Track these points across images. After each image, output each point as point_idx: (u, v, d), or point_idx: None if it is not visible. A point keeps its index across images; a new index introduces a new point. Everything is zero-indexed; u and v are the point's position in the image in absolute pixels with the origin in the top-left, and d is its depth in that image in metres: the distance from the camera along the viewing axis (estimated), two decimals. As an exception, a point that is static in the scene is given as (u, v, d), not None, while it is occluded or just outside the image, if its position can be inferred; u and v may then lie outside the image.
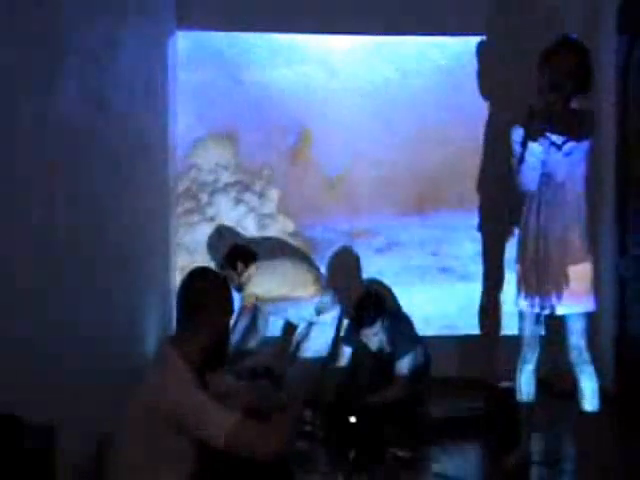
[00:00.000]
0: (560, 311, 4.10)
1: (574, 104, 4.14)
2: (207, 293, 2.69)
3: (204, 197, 6.09)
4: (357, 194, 6.07)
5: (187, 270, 2.93)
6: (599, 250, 5.66)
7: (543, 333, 4.31)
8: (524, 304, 4.19)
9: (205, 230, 6.07)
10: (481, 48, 6.00)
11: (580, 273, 4.08)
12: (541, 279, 4.10)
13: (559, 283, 4.06)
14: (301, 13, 5.84)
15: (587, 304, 4.13)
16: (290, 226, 6.09)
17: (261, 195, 6.08)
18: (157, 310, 5.43)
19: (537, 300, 4.13)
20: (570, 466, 4.50)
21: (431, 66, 6.04)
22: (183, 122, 5.96)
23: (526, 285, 4.16)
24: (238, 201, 6.09)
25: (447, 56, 6.03)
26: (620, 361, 5.42)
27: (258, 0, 5.84)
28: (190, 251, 6.02)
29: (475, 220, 6.07)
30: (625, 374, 5.36)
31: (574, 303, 4.09)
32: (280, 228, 6.09)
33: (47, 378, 3.31)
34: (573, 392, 4.20)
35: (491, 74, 5.97)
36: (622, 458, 4.44)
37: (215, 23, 5.87)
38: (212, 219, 6.08)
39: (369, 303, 5.12)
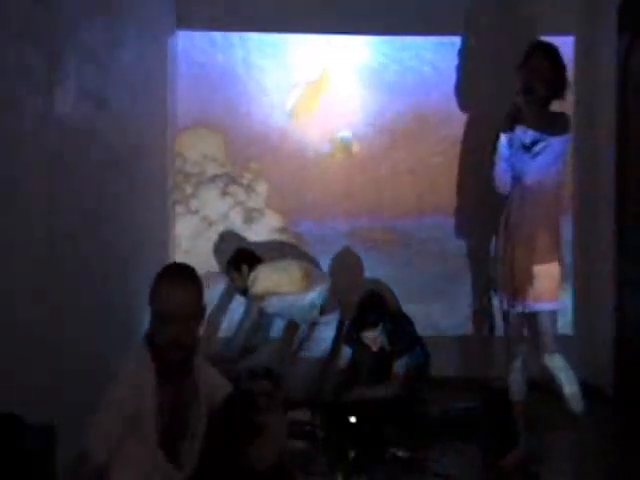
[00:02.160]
0: (527, 309, 4.15)
1: (554, 107, 4.17)
2: (152, 289, 2.69)
3: (188, 188, 5.93)
4: (350, 191, 5.99)
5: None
6: (599, 250, 5.69)
7: (526, 330, 4.30)
8: (498, 302, 4.33)
9: (187, 222, 5.92)
10: (476, 48, 5.98)
11: (545, 273, 4.12)
12: (508, 278, 4.15)
13: (524, 282, 4.11)
14: (300, 13, 5.84)
15: (552, 304, 4.16)
16: (278, 221, 5.97)
17: (249, 189, 5.94)
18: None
19: (506, 298, 4.19)
20: (570, 466, 4.50)
21: (430, 66, 6.02)
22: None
23: (499, 284, 4.24)
24: (224, 194, 5.94)
25: (444, 56, 6.00)
26: (619, 361, 5.42)
27: (258, 0, 5.84)
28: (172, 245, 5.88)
29: (460, 221, 6.01)
30: (624, 374, 5.35)
31: (538, 302, 4.12)
32: (268, 223, 5.96)
33: (47, 378, 3.31)
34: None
35: (487, 74, 5.95)
36: (622, 458, 4.44)
37: (215, 23, 5.86)
38: (196, 211, 5.94)
39: (371, 305, 5.11)
